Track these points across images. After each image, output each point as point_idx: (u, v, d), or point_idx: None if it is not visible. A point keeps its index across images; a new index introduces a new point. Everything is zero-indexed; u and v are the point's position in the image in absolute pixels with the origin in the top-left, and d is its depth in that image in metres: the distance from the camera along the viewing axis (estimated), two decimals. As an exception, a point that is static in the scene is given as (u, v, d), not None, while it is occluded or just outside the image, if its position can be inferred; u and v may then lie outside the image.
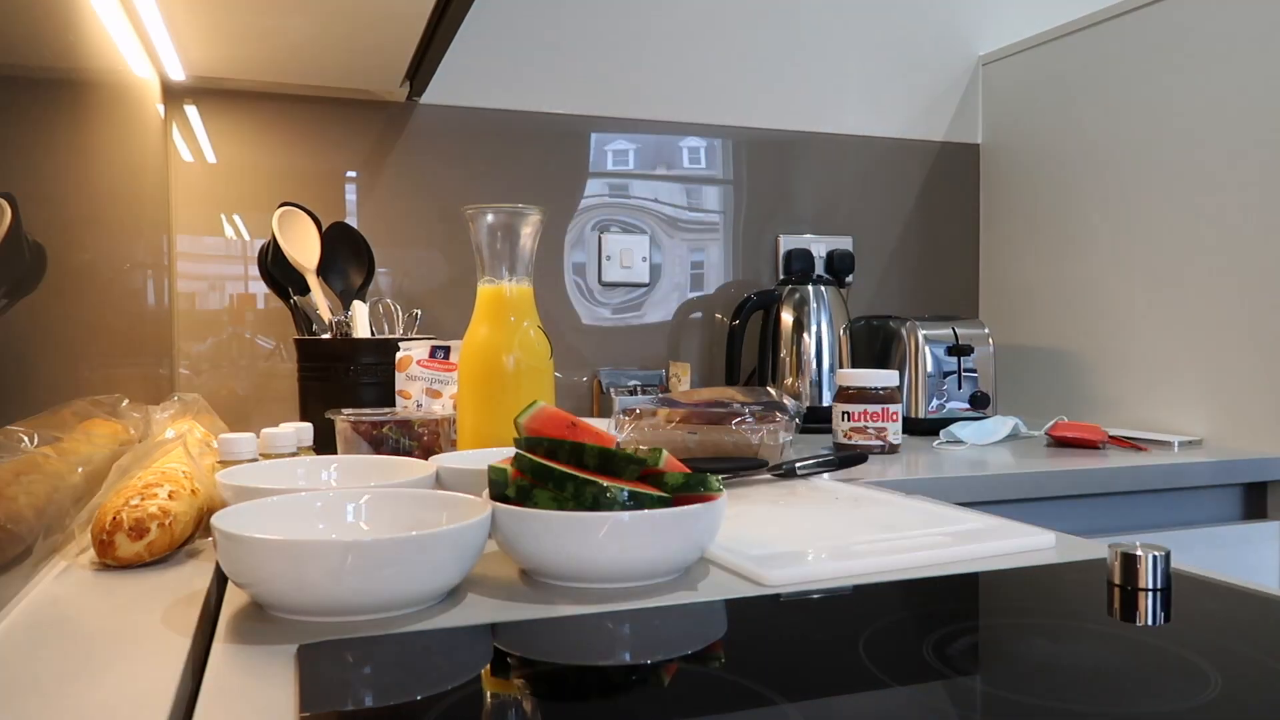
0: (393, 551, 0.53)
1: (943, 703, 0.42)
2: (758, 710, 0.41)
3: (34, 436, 0.62)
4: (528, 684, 0.46)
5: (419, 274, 1.54)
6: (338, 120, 1.49)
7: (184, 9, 1.08)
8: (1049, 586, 0.62)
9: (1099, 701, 0.42)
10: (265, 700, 0.43)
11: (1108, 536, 1.14)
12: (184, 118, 1.42)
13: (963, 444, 1.36)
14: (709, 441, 1.07)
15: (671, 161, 1.68)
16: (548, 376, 0.94)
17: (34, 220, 0.69)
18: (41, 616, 0.56)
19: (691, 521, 0.61)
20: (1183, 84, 1.43)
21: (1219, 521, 1.30)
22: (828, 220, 1.78)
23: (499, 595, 0.60)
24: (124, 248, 1.05)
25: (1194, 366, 1.42)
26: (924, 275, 1.84)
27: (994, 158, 1.83)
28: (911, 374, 1.47)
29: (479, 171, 1.56)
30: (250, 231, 1.45)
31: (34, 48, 0.72)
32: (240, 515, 0.60)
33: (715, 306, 1.72)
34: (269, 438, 0.88)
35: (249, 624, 0.54)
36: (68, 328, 0.80)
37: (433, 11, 1.09)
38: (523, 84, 1.58)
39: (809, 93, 1.76)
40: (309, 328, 1.26)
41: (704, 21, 1.68)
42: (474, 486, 0.72)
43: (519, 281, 0.93)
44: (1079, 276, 1.62)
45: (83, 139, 0.87)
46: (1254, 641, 0.50)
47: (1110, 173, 1.56)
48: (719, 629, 0.53)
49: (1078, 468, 1.18)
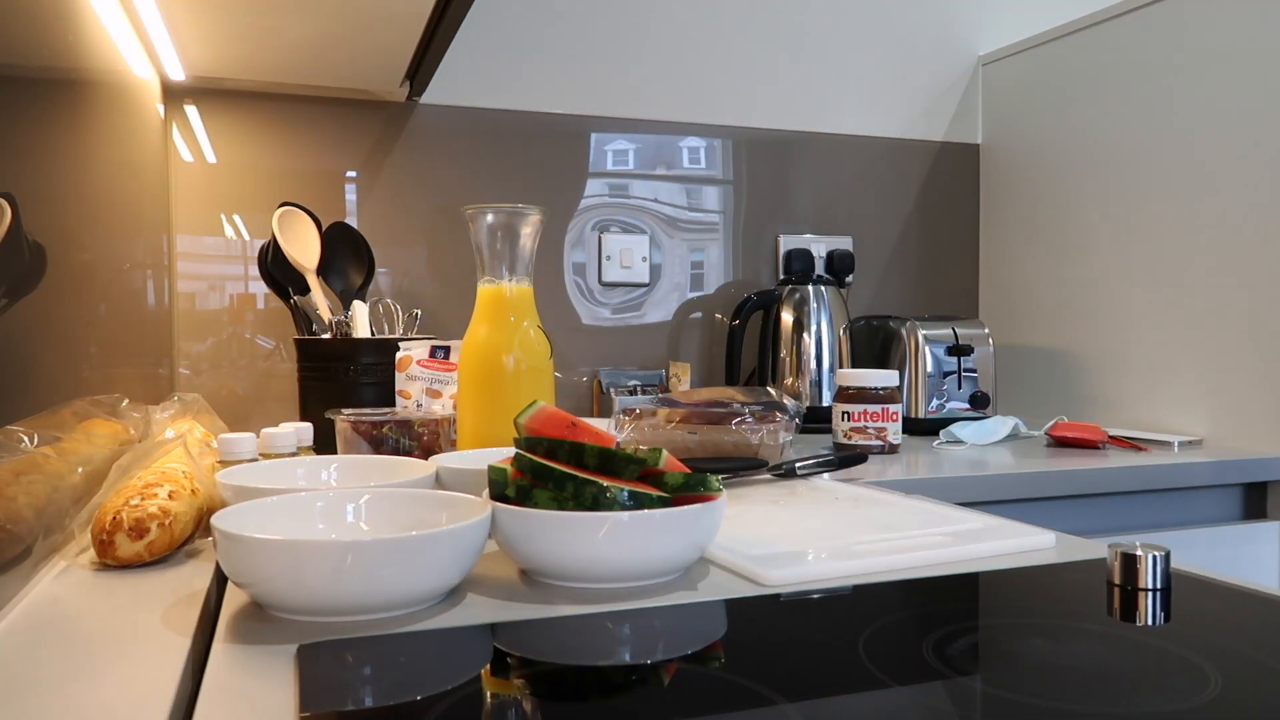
0: (393, 551, 0.53)
1: (943, 703, 0.42)
2: (758, 710, 0.41)
3: (34, 436, 0.62)
4: (527, 684, 0.46)
5: (419, 274, 1.54)
6: (338, 120, 1.49)
7: (184, 9, 1.08)
8: (1049, 586, 0.62)
9: (1099, 701, 0.42)
10: (265, 700, 0.43)
11: (1108, 536, 1.14)
12: (184, 118, 1.42)
13: (963, 444, 1.36)
14: (709, 441, 1.07)
15: (671, 161, 1.68)
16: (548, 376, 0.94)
17: (34, 220, 0.69)
18: (41, 616, 0.56)
19: (691, 521, 0.61)
20: (1183, 84, 1.43)
21: (1219, 521, 1.30)
22: (828, 220, 1.78)
23: (499, 595, 0.60)
24: (124, 248, 1.05)
25: (1194, 366, 1.42)
26: (924, 275, 1.84)
27: (994, 158, 1.83)
28: (911, 374, 1.47)
29: (479, 171, 1.56)
30: (250, 231, 1.45)
31: (34, 48, 0.72)
32: (240, 515, 0.60)
33: (715, 306, 1.72)
34: (269, 438, 0.88)
35: (249, 624, 0.54)
36: (68, 328, 0.80)
37: (433, 12, 1.09)
38: (523, 84, 1.58)
39: (809, 93, 1.76)
40: (309, 328, 1.26)
41: (704, 21, 1.68)
42: (474, 486, 0.72)
43: (519, 281, 0.93)
44: (1079, 276, 1.62)
45: (83, 139, 0.87)
46: (1254, 641, 0.50)
47: (1110, 173, 1.56)
48: (719, 629, 0.53)
49: (1078, 468, 1.18)
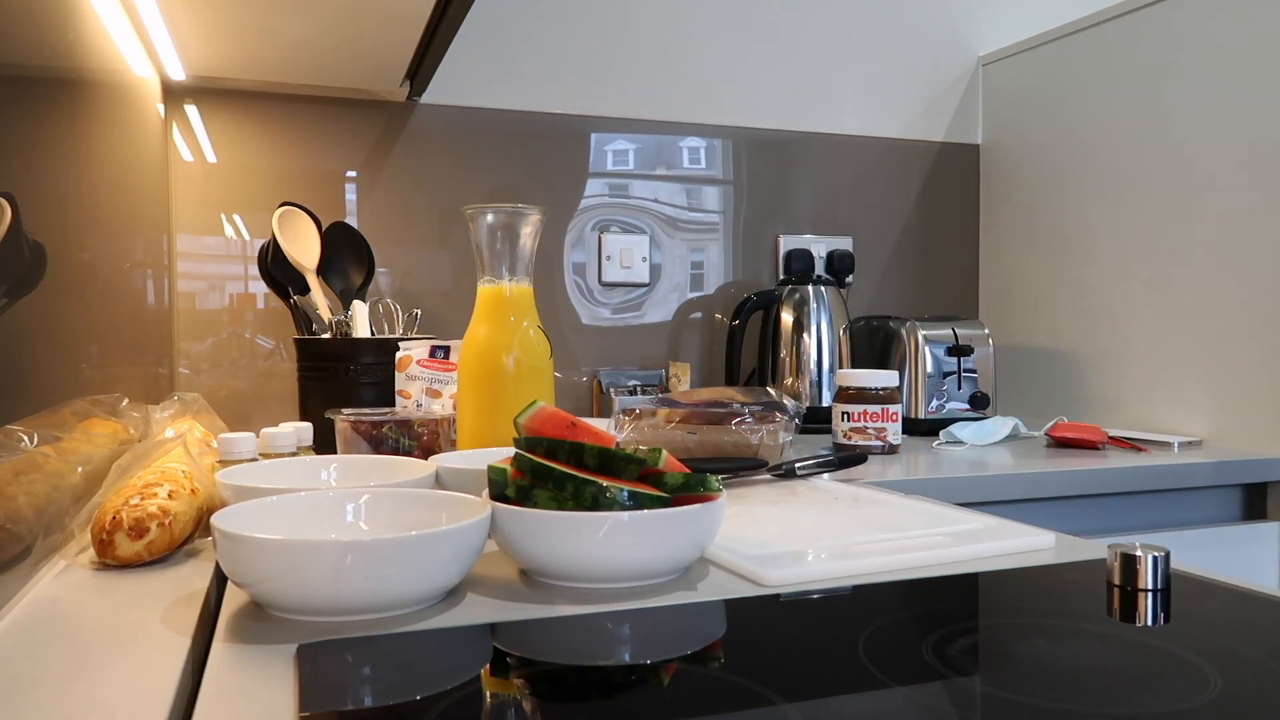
0: (392, 551, 0.53)
1: (942, 703, 0.42)
2: (758, 710, 0.41)
3: (34, 436, 0.62)
4: (527, 684, 0.46)
5: (419, 274, 1.54)
6: (338, 120, 1.49)
7: (184, 9, 1.08)
8: (1049, 587, 0.62)
9: (1099, 701, 0.42)
10: (265, 700, 0.43)
11: (1108, 536, 1.14)
12: (184, 117, 1.42)
13: (962, 444, 1.36)
14: (709, 441, 1.07)
15: (671, 161, 1.68)
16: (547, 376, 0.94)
17: (34, 220, 0.69)
18: (41, 616, 0.56)
19: (691, 521, 0.61)
20: (1182, 84, 1.43)
21: (1219, 522, 1.30)
22: (828, 220, 1.78)
23: (499, 595, 0.60)
24: (124, 248, 1.05)
25: (1194, 367, 1.42)
26: (924, 275, 1.84)
27: (994, 158, 1.83)
28: (911, 374, 1.47)
29: (479, 171, 1.56)
30: (250, 231, 1.45)
31: (34, 48, 0.72)
32: (240, 515, 0.60)
33: (715, 306, 1.72)
34: (269, 437, 0.88)
35: (249, 624, 0.54)
36: (68, 328, 0.80)
37: (433, 11, 1.09)
38: (523, 84, 1.58)
39: (809, 93, 1.76)
40: (309, 327, 1.26)
41: (704, 22, 1.68)
42: (474, 486, 0.72)
43: (519, 281, 0.93)
44: (1079, 276, 1.62)
45: (83, 139, 0.87)
46: (1254, 641, 0.50)
47: (1110, 173, 1.56)
48: (719, 629, 0.53)
49: (1078, 468, 1.18)
